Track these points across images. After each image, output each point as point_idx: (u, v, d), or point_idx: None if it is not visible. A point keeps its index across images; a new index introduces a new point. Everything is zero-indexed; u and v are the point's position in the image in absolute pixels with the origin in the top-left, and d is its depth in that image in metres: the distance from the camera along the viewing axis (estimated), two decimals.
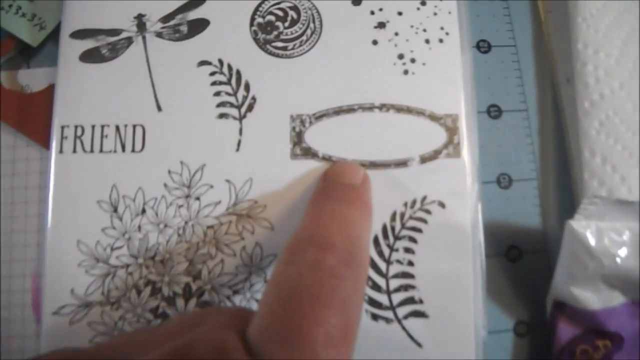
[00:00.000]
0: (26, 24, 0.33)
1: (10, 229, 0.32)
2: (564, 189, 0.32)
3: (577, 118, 0.31)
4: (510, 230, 0.31)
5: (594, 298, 0.28)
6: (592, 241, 0.27)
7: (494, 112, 0.32)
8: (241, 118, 0.29)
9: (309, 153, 0.29)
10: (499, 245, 0.31)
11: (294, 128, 0.29)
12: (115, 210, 0.29)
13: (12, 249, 0.32)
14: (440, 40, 0.30)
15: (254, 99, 0.29)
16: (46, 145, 0.32)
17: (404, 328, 0.28)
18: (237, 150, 0.29)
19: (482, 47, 0.33)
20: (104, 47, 0.30)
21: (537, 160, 0.32)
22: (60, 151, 0.29)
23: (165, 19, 0.30)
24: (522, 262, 0.31)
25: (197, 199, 0.29)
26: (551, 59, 0.34)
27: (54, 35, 0.33)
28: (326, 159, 0.29)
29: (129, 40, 0.30)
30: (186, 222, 0.28)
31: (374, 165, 0.29)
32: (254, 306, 0.28)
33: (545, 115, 0.33)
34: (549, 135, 0.33)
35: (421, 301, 0.28)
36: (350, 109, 0.29)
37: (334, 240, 0.22)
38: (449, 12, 0.30)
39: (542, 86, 0.33)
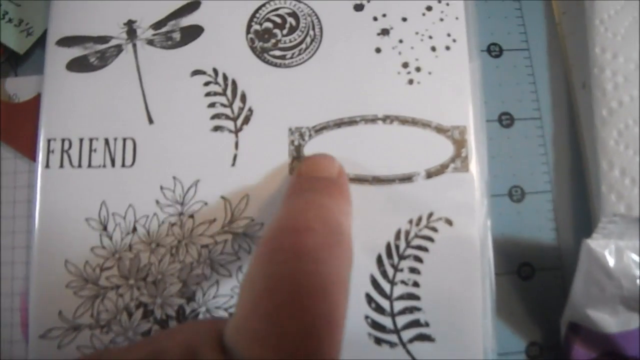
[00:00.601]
0: (13, 30, 0.31)
1: None
2: (580, 202, 0.29)
3: (594, 127, 0.29)
4: (522, 246, 0.29)
5: (611, 320, 0.26)
6: (610, 262, 0.25)
7: (505, 120, 0.30)
8: (237, 131, 0.27)
9: None
10: (510, 262, 0.29)
11: (292, 142, 0.27)
12: (105, 228, 0.27)
13: None
14: (447, 48, 0.27)
15: (250, 110, 0.27)
16: (33, 157, 0.30)
17: (408, 352, 0.26)
18: (233, 165, 0.27)
19: (493, 51, 0.31)
20: (92, 56, 0.28)
21: (551, 171, 0.30)
22: (47, 166, 0.27)
23: (157, 25, 0.28)
24: (535, 280, 0.29)
25: (191, 216, 0.27)
26: (566, 63, 0.31)
27: (43, 42, 0.31)
28: None
29: (119, 48, 0.28)
30: (179, 241, 0.26)
31: (377, 180, 0.26)
32: None
33: (560, 124, 0.30)
34: (564, 145, 0.30)
35: (427, 324, 0.26)
36: (352, 121, 0.27)
37: (313, 224, 0.20)
38: (456, 18, 0.28)
39: (557, 93, 0.31)
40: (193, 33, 0.28)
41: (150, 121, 0.27)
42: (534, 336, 0.29)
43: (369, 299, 0.26)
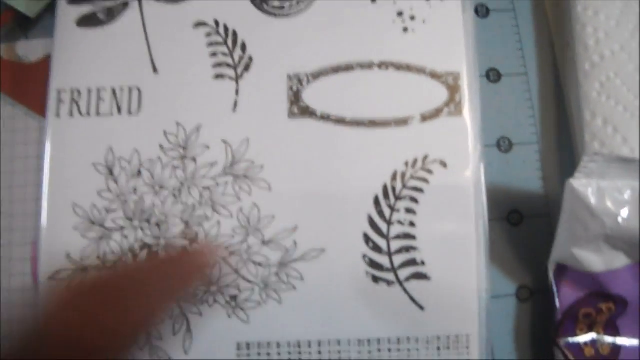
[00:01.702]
0: None
1: (10, 199, 0.29)
2: (566, 152, 0.29)
3: (577, 80, 0.28)
4: (511, 194, 0.29)
5: (596, 260, 0.25)
6: (592, 200, 0.24)
7: (493, 76, 0.29)
8: (237, 78, 0.26)
9: (307, 112, 0.26)
10: (500, 209, 0.28)
11: (291, 87, 0.26)
12: (111, 172, 0.26)
13: (12, 218, 0.29)
14: None
15: (250, 59, 0.26)
16: (43, 114, 0.29)
17: (405, 290, 0.25)
18: (234, 110, 0.26)
19: (480, 12, 0.30)
20: (100, 12, 0.27)
21: (537, 124, 0.29)
22: (57, 115, 0.26)
23: None
24: (523, 226, 0.28)
25: (193, 160, 0.26)
26: (550, 24, 0.31)
27: (52, 7, 0.30)
28: (325, 117, 0.26)
29: (125, 4, 0.27)
30: (182, 184, 0.26)
31: (373, 123, 0.26)
32: (251, 268, 0.25)
33: (545, 79, 0.30)
34: (550, 98, 0.30)
35: (423, 263, 0.25)
36: (348, 67, 0.26)
37: None
38: None
39: (542, 49, 0.30)
40: None
41: (155, 70, 0.27)
42: (524, 280, 0.28)
43: (367, 238, 0.25)
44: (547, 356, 0.26)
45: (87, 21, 0.27)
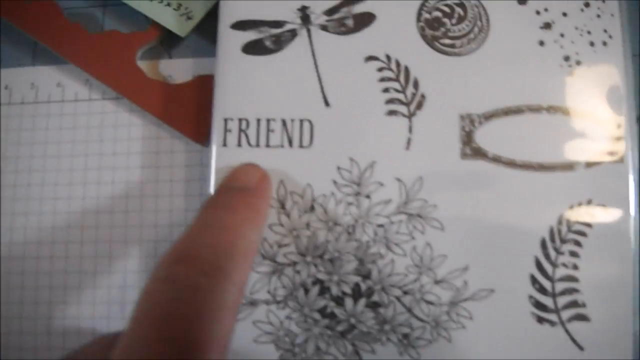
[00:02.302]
0: (173, 13, 0.29)
1: (155, 222, 0.28)
2: None
3: None
4: None
5: None
6: None
7: None
8: (411, 115, 0.26)
9: (479, 153, 0.25)
10: None
11: (463, 127, 0.26)
12: (283, 206, 0.25)
13: (156, 244, 0.28)
14: (604, 43, 0.26)
15: (423, 96, 0.26)
16: (193, 137, 0.28)
17: (567, 331, 0.25)
18: (407, 148, 0.25)
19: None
20: (267, 39, 0.26)
21: None
22: (224, 144, 0.25)
23: (330, 12, 0.26)
24: None
25: (367, 196, 0.25)
26: None
27: (197, 26, 0.29)
28: (496, 159, 0.25)
29: (293, 33, 0.26)
30: (356, 220, 0.25)
31: (542, 167, 0.25)
32: (424, 307, 0.25)
33: None
34: None
35: (584, 305, 0.25)
36: (519, 110, 0.26)
37: (197, 251, 0.19)
38: (612, 15, 0.27)
39: None
40: (366, 20, 0.26)
41: (327, 104, 0.26)
42: None
43: (533, 280, 0.25)
44: None
45: (254, 48, 0.26)
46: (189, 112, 0.28)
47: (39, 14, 0.29)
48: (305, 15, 0.26)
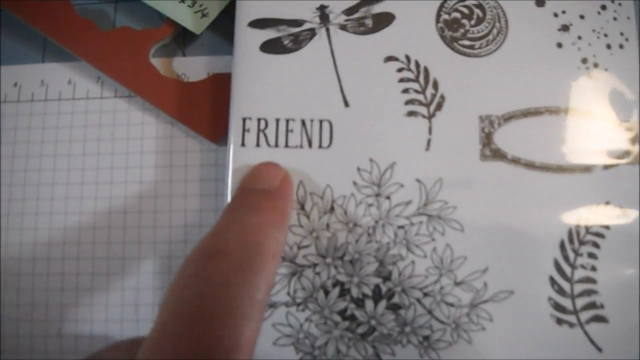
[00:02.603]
0: (188, 10, 0.28)
1: (169, 223, 0.28)
2: None
3: None
4: None
5: None
6: None
7: None
8: (430, 116, 0.25)
9: (498, 154, 0.25)
10: None
11: (483, 129, 0.25)
12: (303, 207, 0.25)
13: (170, 244, 0.28)
14: (621, 46, 0.26)
15: (442, 97, 0.25)
16: (209, 136, 0.27)
17: (585, 332, 0.25)
18: (427, 149, 0.25)
19: None
20: (285, 38, 0.26)
21: None
22: (242, 144, 0.25)
23: (349, 11, 0.26)
24: None
25: (388, 198, 0.25)
26: None
27: (212, 24, 0.28)
28: (515, 161, 0.25)
29: (312, 32, 0.26)
30: (376, 222, 0.25)
31: (560, 169, 0.25)
32: (444, 309, 0.25)
33: None
34: None
35: (602, 306, 0.25)
36: (537, 112, 0.25)
37: (228, 248, 0.19)
38: (628, 17, 0.27)
39: None
40: (385, 20, 0.26)
41: (346, 104, 0.25)
42: None
43: (552, 281, 0.25)
44: None
45: (272, 47, 0.26)
46: (204, 110, 0.28)
47: (49, 9, 0.28)
48: (324, 14, 0.26)
